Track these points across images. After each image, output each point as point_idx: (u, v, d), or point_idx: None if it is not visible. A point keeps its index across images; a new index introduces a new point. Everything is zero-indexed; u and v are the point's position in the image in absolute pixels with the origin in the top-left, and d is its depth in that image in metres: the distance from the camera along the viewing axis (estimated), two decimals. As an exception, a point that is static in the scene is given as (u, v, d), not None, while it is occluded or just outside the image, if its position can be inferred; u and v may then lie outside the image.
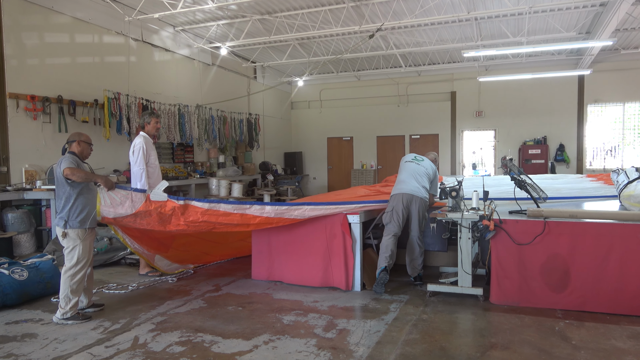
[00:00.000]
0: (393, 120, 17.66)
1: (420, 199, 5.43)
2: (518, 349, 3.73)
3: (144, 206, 4.89)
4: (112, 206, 4.91)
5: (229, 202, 5.16)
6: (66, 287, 4.48)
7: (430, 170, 5.70)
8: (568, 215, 4.77)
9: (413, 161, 5.78)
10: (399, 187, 5.56)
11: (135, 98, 10.19)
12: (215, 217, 5.08)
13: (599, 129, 15.58)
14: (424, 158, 5.87)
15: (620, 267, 4.43)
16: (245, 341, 3.97)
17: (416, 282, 5.62)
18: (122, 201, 4.91)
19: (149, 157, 6.15)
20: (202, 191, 12.31)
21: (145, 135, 6.24)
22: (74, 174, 4.41)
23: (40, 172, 8.27)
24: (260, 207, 5.22)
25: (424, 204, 5.48)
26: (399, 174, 5.77)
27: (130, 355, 3.72)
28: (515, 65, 15.69)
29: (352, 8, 10.71)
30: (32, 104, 8.11)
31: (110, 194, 4.89)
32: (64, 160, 4.50)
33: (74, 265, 4.53)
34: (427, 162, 5.80)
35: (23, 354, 3.78)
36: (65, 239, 4.54)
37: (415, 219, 5.43)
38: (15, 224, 7.45)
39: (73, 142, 4.69)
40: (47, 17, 8.55)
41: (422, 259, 5.56)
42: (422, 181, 5.56)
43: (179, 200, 4.94)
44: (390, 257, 5.29)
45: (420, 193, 5.46)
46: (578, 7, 10.69)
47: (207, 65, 13.42)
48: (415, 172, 5.62)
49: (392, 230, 5.39)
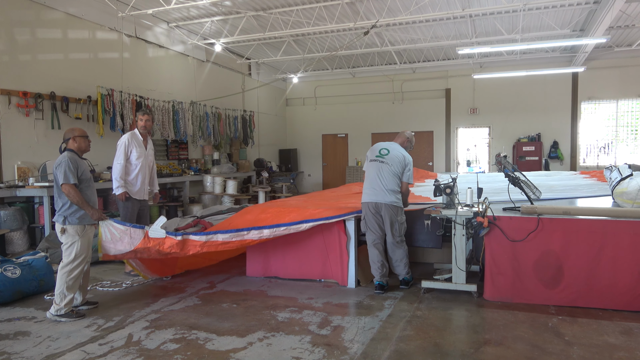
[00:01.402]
0: (388, 117, 17.66)
1: (388, 205, 5.13)
2: (512, 344, 3.75)
3: (143, 243, 4.86)
4: (112, 242, 4.89)
5: (226, 232, 5.09)
6: (62, 283, 4.47)
7: (398, 166, 5.22)
8: (561, 212, 4.79)
9: (377, 159, 5.31)
10: (365, 193, 5.29)
11: (129, 95, 10.12)
12: (215, 246, 5.08)
13: (593, 126, 15.66)
14: (389, 149, 5.34)
15: (613, 263, 4.47)
16: (240, 338, 3.96)
17: (402, 286, 5.35)
18: (121, 237, 4.88)
19: (130, 154, 5.99)
20: (196, 188, 12.28)
21: (135, 132, 6.14)
22: (68, 195, 4.47)
23: (33, 169, 8.20)
24: (258, 232, 5.15)
25: (394, 209, 5.16)
26: (365, 176, 5.41)
27: (124, 352, 3.71)
28: (509, 63, 15.73)
29: (346, 5, 10.69)
30: (25, 101, 8.04)
31: (110, 228, 4.85)
32: (62, 169, 4.47)
33: (71, 261, 4.51)
34: (394, 154, 5.29)
35: (16, 352, 3.76)
36: (64, 235, 4.53)
37: (387, 225, 5.18)
38: (8, 221, 7.39)
39: (69, 140, 4.68)
40: (39, 13, 8.47)
41: (407, 259, 5.32)
42: (389, 183, 5.16)
43: (176, 236, 4.89)
44: (381, 268, 5.21)
45: (388, 198, 5.13)
46: (572, 5, 10.72)
47: (201, 62, 13.36)
48: (380, 173, 5.22)
49: (371, 239, 5.25)
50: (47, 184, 7.56)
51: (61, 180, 4.46)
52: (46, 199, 7.45)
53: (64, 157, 4.56)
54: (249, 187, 14.37)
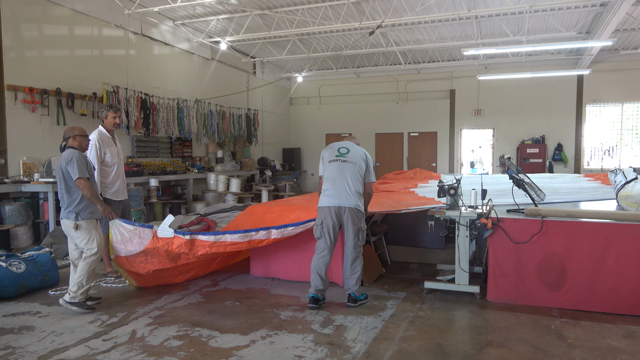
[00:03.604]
0: (392, 117, 17.66)
1: (353, 209, 4.63)
2: (514, 346, 3.75)
3: (152, 243, 4.86)
4: (123, 242, 4.91)
5: (234, 232, 5.06)
6: (84, 273, 4.56)
7: (361, 163, 4.79)
8: (565, 214, 4.78)
9: (338, 159, 4.78)
10: (326, 196, 4.72)
11: (134, 92, 10.16)
12: (224, 247, 5.07)
13: (597, 129, 15.63)
14: (348, 148, 4.87)
15: (617, 266, 4.46)
16: (243, 336, 3.98)
17: (349, 303, 4.71)
18: (131, 237, 4.89)
19: (104, 155, 5.62)
20: (200, 186, 12.31)
21: (102, 130, 5.70)
22: (83, 189, 4.53)
23: (38, 164, 8.24)
24: (266, 232, 5.11)
25: (358, 214, 4.67)
26: (324, 178, 4.84)
27: (127, 348, 3.73)
28: (514, 64, 15.70)
29: (352, 4, 10.69)
30: (31, 96, 8.08)
31: (120, 229, 4.88)
32: (75, 164, 4.51)
33: (94, 253, 4.60)
34: (355, 151, 4.87)
35: (20, 346, 3.78)
36: (79, 231, 4.57)
37: (350, 233, 4.66)
38: (13, 216, 7.43)
39: (69, 138, 4.74)
40: (46, 9, 8.51)
41: (361, 273, 4.74)
42: (354, 185, 4.68)
43: (185, 235, 4.88)
44: (321, 282, 4.66)
45: (352, 201, 4.63)
46: (578, 7, 10.70)
47: (206, 60, 13.39)
48: (344, 174, 4.71)
49: (321, 247, 4.72)
50: (51, 179, 7.59)
51: (77, 174, 4.50)
52: (51, 195, 7.48)
53: (72, 153, 4.60)
54: (252, 186, 14.39)
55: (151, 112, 10.67)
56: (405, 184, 8.65)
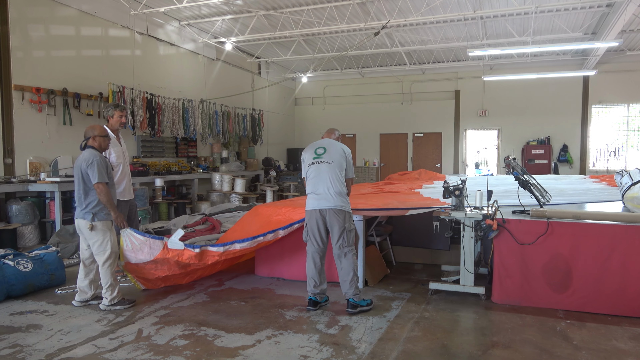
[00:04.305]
0: (396, 118, 17.65)
1: (334, 210, 4.55)
2: (519, 348, 3.75)
3: (162, 254, 4.91)
4: (133, 251, 4.95)
5: (243, 241, 5.10)
6: (109, 277, 4.64)
7: (341, 161, 4.67)
8: (571, 215, 4.78)
9: (316, 161, 4.69)
10: (309, 199, 4.71)
11: (139, 92, 10.21)
12: (233, 253, 5.13)
13: (603, 130, 15.56)
14: (325, 147, 4.75)
15: (623, 268, 4.44)
16: (248, 335, 3.99)
17: (348, 309, 4.56)
18: (141, 247, 4.93)
19: (110, 155, 5.54)
20: (204, 186, 12.34)
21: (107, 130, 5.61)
22: (101, 194, 4.58)
23: (44, 164, 8.29)
24: (273, 234, 5.21)
25: (342, 214, 4.57)
26: (306, 182, 4.79)
27: (134, 347, 3.75)
28: (520, 65, 15.66)
29: (357, 5, 10.70)
30: (37, 96, 8.13)
31: (131, 238, 4.92)
32: (96, 167, 4.54)
33: (109, 256, 4.66)
34: (333, 149, 4.72)
35: (28, 344, 3.81)
36: (94, 232, 4.61)
37: (335, 234, 4.58)
38: (20, 215, 7.49)
39: (89, 138, 4.77)
40: (53, 10, 8.56)
41: (355, 276, 4.60)
42: (333, 184, 4.58)
43: (195, 248, 4.91)
44: (315, 285, 4.65)
45: (333, 202, 4.55)
46: (584, 8, 10.66)
47: (211, 60, 13.42)
48: (322, 175, 4.63)
49: (310, 250, 4.70)
50: (58, 179, 7.64)
51: (96, 179, 4.54)
52: (57, 194, 7.52)
53: (93, 155, 4.62)
54: (257, 186, 14.41)
55: (157, 112, 10.71)
56: (410, 185, 8.65)
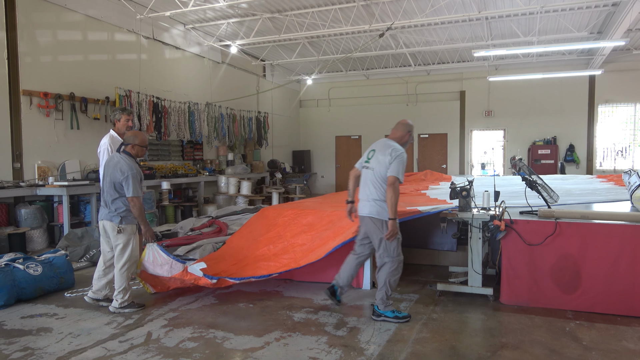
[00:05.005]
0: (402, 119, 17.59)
1: (367, 218, 4.46)
2: (529, 349, 3.74)
3: (180, 275, 4.96)
4: (153, 264, 5.01)
5: (260, 277, 5.17)
6: (124, 280, 4.69)
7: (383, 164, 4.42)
8: (579, 216, 4.76)
9: (364, 166, 4.63)
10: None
11: (146, 95, 10.26)
12: (247, 281, 5.19)
13: (610, 130, 15.49)
14: (375, 150, 4.61)
15: (632, 268, 4.42)
16: (257, 338, 4.00)
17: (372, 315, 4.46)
18: (162, 264, 5.00)
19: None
20: (211, 188, 12.38)
21: (114, 135, 5.63)
22: (134, 207, 4.65)
23: (52, 168, 8.36)
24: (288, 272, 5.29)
25: (374, 222, 4.41)
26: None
27: (144, 350, 3.77)
28: (525, 65, 15.62)
29: (362, 7, 10.72)
30: (45, 101, 8.20)
31: (155, 253, 4.98)
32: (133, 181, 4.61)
33: (127, 260, 4.70)
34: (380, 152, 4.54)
35: (39, 347, 3.84)
36: (120, 235, 4.67)
37: (375, 242, 4.49)
38: (29, 219, 7.54)
39: (129, 145, 4.81)
40: (60, 15, 8.64)
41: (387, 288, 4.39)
42: (372, 191, 4.44)
43: (212, 279, 4.95)
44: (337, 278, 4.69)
45: (367, 209, 4.45)
46: (590, 7, 10.62)
47: (217, 63, 13.48)
48: (365, 182, 4.56)
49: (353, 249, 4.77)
50: (66, 183, 7.69)
51: (131, 192, 4.62)
52: (65, 198, 7.58)
53: (129, 167, 4.65)
54: (263, 188, 14.45)
55: (163, 116, 10.77)
56: (416, 186, 8.64)
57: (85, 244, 6.96)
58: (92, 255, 6.70)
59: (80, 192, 8.01)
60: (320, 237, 5.43)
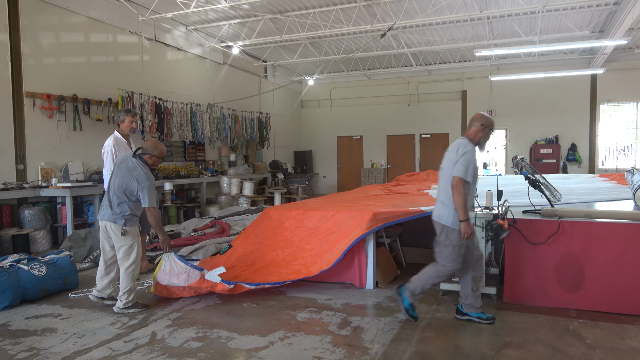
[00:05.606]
0: (403, 119, 17.65)
1: (435, 221, 4.31)
2: (533, 347, 3.74)
3: (197, 283, 4.97)
4: (169, 275, 5.01)
5: (274, 283, 5.23)
6: (129, 281, 4.70)
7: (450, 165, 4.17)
8: (582, 215, 4.76)
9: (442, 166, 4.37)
10: None
11: (148, 97, 10.29)
12: (263, 287, 5.22)
13: (612, 129, 15.47)
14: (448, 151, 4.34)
15: (635, 267, 4.42)
16: (261, 337, 4.01)
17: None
18: (179, 273, 5.00)
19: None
20: (213, 189, 12.40)
21: (118, 136, 5.71)
22: (151, 217, 4.72)
23: (55, 169, 8.38)
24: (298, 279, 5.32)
25: (437, 225, 4.28)
26: None
27: (148, 350, 3.79)
28: (527, 64, 15.61)
29: (363, 7, 10.73)
30: (48, 103, 8.23)
31: (172, 263, 4.99)
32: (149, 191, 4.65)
33: (133, 261, 4.72)
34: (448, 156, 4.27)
35: (44, 347, 3.86)
36: (125, 237, 4.68)
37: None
38: (32, 220, 7.57)
39: (146, 154, 4.82)
40: (62, 17, 8.67)
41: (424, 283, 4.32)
42: (439, 194, 4.33)
43: (230, 284, 4.98)
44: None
45: (435, 212, 4.33)
46: (592, 6, 10.62)
47: (218, 64, 13.51)
48: (439, 182, 4.40)
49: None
50: (69, 184, 7.72)
51: (147, 203, 4.66)
52: (68, 199, 7.60)
53: (146, 177, 4.67)
54: (265, 189, 14.46)
55: (165, 117, 10.79)
56: (418, 186, 8.66)
57: (89, 244, 6.99)
58: (96, 256, 6.72)
59: (84, 193, 8.04)
60: (328, 241, 5.46)
